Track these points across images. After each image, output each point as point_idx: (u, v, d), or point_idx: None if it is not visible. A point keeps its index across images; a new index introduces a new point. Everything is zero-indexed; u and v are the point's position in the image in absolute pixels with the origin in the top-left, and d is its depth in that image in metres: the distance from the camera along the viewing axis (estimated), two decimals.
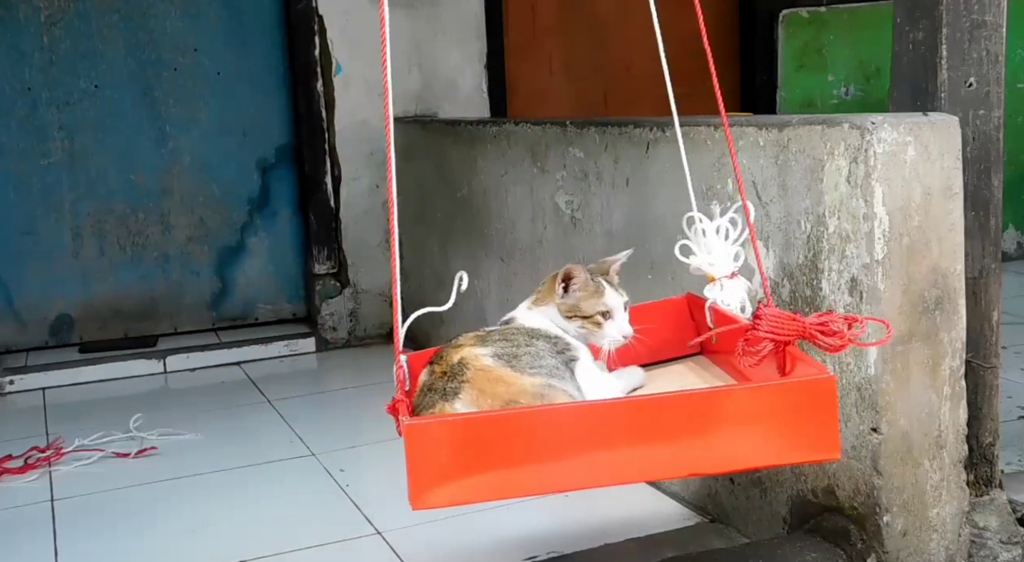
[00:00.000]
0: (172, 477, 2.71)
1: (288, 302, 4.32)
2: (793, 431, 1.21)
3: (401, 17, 4.07)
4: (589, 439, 1.19)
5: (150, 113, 4.04)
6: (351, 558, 2.21)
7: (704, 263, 1.61)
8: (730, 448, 1.21)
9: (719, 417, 1.21)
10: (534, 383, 1.41)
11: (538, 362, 1.46)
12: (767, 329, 1.35)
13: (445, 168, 3.59)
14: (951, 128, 1.86)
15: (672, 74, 1.71)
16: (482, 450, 1.18)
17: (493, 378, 1.41)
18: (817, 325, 1.35)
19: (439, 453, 1.17)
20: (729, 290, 1.59)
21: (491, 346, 1.48)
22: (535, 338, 1.54)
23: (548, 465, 1.19)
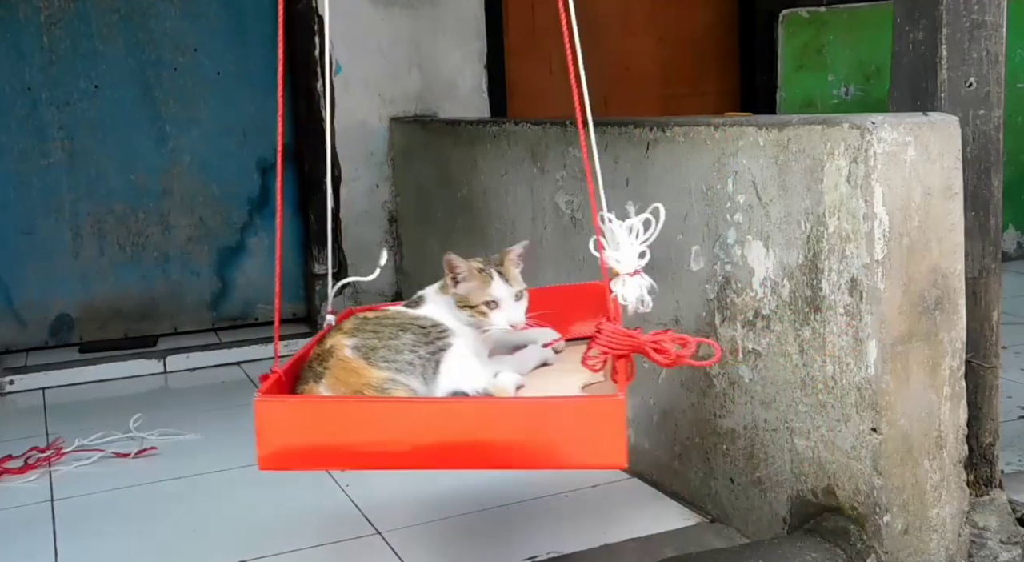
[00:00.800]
0: (172, 477, 2.71)
1: (288, 302, 4.32)
2: (581, 440, 1.37)
3: (401, 17, 4.08)
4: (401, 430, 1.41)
5: (150, 113, 4.05)
6: (351, 558, 2.21)
7: (611, 259, 1.69)
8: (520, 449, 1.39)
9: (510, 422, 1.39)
10: (379, 377, 1.58)
11: (392, 356, 1.61)
12: (603, 343, 1.48)
13: (445, 168, 3.59)
14: (951, 128, 1.86)
15: (672, 74, 1.72)
16: (316, 428, 1.43)
17: (348, 369, 1.59)
18: (651, 342, 1.48)
19: (280, 426, 1.43)
20: (629, 286, 1.67)
21: (358, 336, 1.64)
22: (405, 330, 1.67)
23: (370, 447, 1.42)
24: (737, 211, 2.09)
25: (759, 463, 2.11)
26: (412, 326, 1.69)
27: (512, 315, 1.74)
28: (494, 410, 1.43)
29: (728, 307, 2.14)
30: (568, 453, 1.38)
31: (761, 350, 2.07)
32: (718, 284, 2.17)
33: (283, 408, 1.46)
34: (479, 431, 1.40)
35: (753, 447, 2.12)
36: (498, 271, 1.79)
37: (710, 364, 1.58)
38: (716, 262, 2.17)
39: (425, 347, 1.65)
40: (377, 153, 4.12)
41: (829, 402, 1.92)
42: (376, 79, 4.08)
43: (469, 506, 2.38)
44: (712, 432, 2.24)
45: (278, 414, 1.44)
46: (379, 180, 4.13)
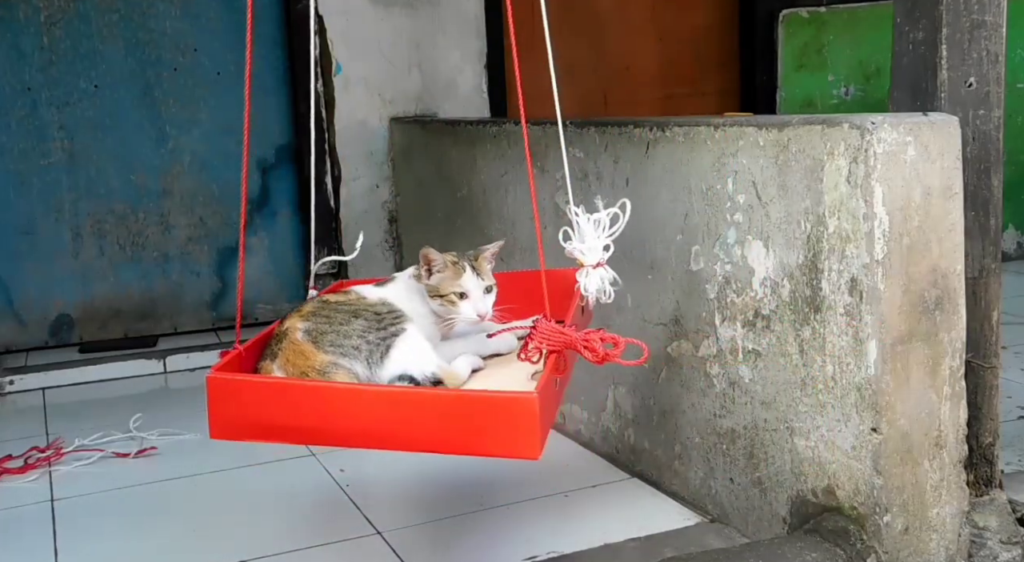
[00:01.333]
0: (172, 477, 2.71)
1: (288, 302, 4.31)
2: (496, 432, 1.47)
3: (401, 17, 4.08)
4: (332, 411, 1.55)
5: (150, 113, 4.04)
6: (351, 558, 2.21)
7: (576, 250, 1.77)
8: (442, 436, 1.51)
9: (429, 413, 1.51)
10: (322, 360, 1.69)
11: (339, 341, 1.71)
12: (538, 338, 1.58)
13: (445, 168, 3.59)
14: (951, 128, 1.86)
15: (672, 74, 1.74)
16: (258, 405, 1.58)
17: (297, 351, 1.71)
18: (583, 340, 1.58)
19: (227, 401, 1.59)
20: (592, 278, 1.76)
21: (311, 320, 1.74)
22: (358, 316, 1.76)
23: (309, 425, 1.57)
24: (737, 211, 2.09)
25: (759, 463, 2.11)
26: (367, 312, 1.78)
27: (480, 306, 1.86)
28: (414, 400, 1.54)
29: (728, 307, 2.14)
30: (485, 443, 1.49)
31: (761, 350, 2.07)
32: (718, 284, 2.17)
33: (230, 385, 1.60)
34: (401, 417, 1.51)
35: (753, 447, 2.12)
36: (471, 265, 1.90)
37: (638, 364, 1.66)
38: (716, 262, 2.17)
39: (376, 332, 1.73)
40: (377, 153, 4.12)
41: (829, 402, 1.92)
42: (376, 79, 4.08)
43: (469, 506, 2.38)
44: (712, 432, 2.24)
45: (225, 390, 1.59)
46: (379, 180, 4.13)
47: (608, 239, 1.78)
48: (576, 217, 1.77)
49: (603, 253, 1.77)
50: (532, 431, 1.45)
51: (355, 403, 1.55)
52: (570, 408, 2.83)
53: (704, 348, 2.23)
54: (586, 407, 2.75)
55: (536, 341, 1.59)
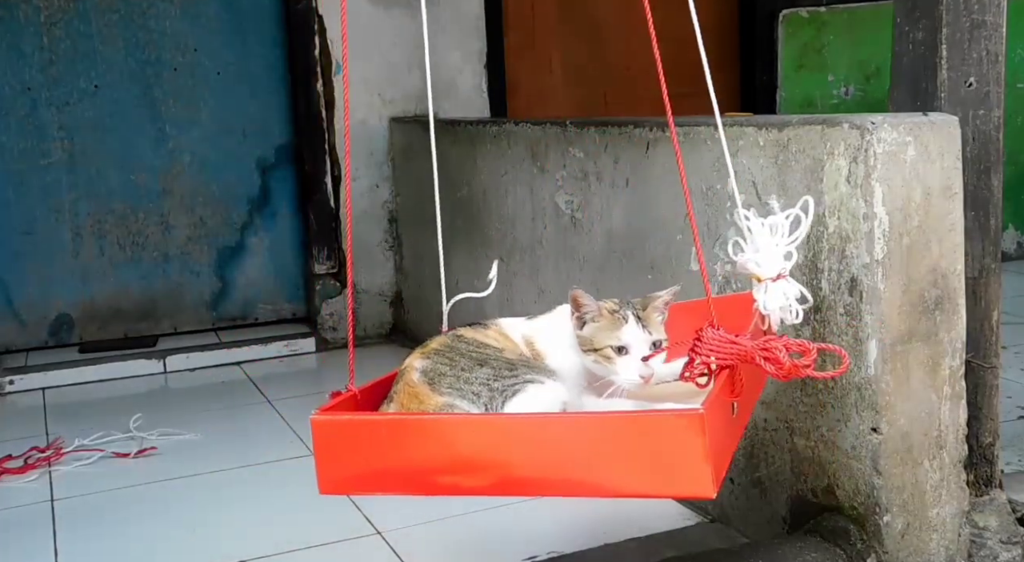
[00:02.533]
0: (172, 477, 2.71)
1: (288, 302, 4.32)
2: (650, 461, 1.19)
3: (401, 17, 4.07)
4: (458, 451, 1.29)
5: (150, 113, 4.04)
6: (351, 558, 2.21)
7: (751, 261, 1.49)
8: (587, 475, 1.23)
9: (571, 443, 1.23)
10: (437, 403, 1.45)
11: (458, 385, 1.47)
12: (705, 351, 1.30)
13: (445, 168, 3.58)
14: (951, 128, 1.86)
15: (672, 74, 1.68)
16: (376, 450, 1.32)
17: (411, 393, 1.48)
18: (761, 349, 1.29)
19: (341, 447, 1.34)
20: (772, 293, 1.48)
21: (431, 359, 1.51)
22: (486, 364, 1.50)
23: (430, 470, 1.30)
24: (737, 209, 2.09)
25: (759, 463, 2.11)
26: (498, 360, 1.51)
27: (643, 366, 1.48)
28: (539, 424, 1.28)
29: None
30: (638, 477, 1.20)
31: None
32: (718, 284, 2.17)
33: (342, 429, 1.36)
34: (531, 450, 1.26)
35: (753, 447, 2.12)
36: (635, 314, 1.53)
37: (836, 375, 1.36)
38: (716, 262, 2.17)
39: (503, 380, 1.47)
40: (377, 153, 4.12)
41: (829, 402, 1.92)
42: (376, 79, 4.08)
43: (469, 506, 2.38)
44: None
45: (337, 434, 1.35)
46: (379, 180, 4.13)
47: (789, 245, 1.49)
48: (748, 221, 1.50)
49: (784, 263, 1.49)
50: (697, 457, 1.15)
51: (474, 435, 1.30)
52: None
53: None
54: None
55: (702, 355, 1.29)
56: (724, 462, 1.24)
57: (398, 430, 1.33)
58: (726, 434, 1.28)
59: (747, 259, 1.50)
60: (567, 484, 1.26)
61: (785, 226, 1.50)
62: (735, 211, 1.53)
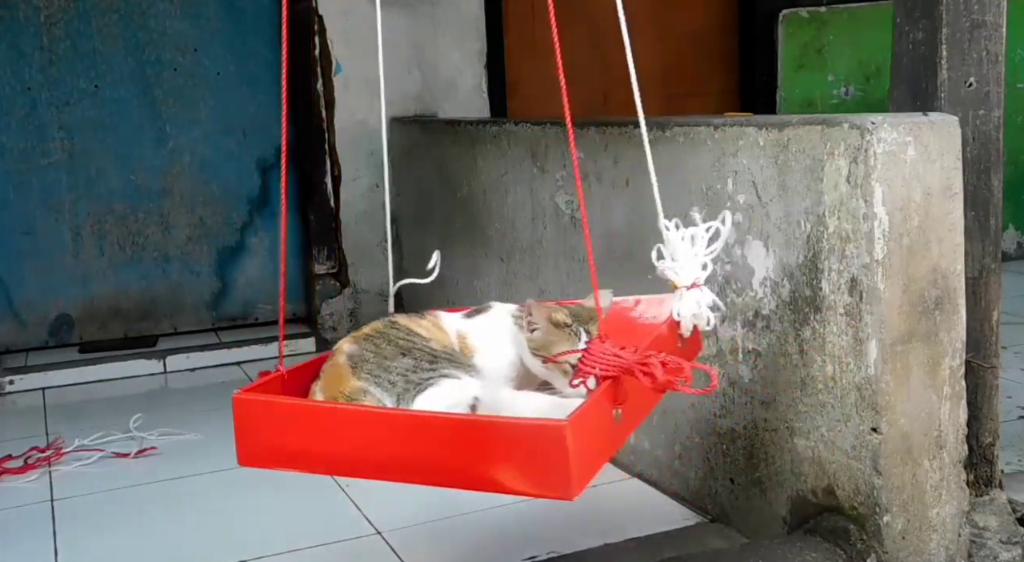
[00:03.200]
0: (172, 477, 2.71)
1: (288, 302, 4.32)
2: (522, 464, 1.29)
3: (401, 17, 4.07)
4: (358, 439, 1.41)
5: (150, 113, 4.05)
6: (351, 558, 2.21)
7: (669, 269, 1.59)
8: (466, 469, 1.35)
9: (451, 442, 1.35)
10: (353, 387, 1.54)
11: (376, 371, 1.55)
12: (589, 363, 1.39)
13: (445, 168, 3.59)
14: (951, 128, 1.86)
15: (672, 74, 1.70)
16: (286, 431, 1.45)
17: (335, 374, 1.57)
18: (640, 364, 1.38)
19: (257, 425, 1.47)
20: (686, 301, 1.57)
21: (360, 344, 1.59)
22: (409, 354, 1.57)
23: (327, 451, 1.43)
24: (737, 211, 2.09)
25: (759, 463, 2.11)
26: (423, 351, 1.59)
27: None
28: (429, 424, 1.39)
29: (728, 307, 2.14)
30: (512, 478, 1.31)
31: (761, 350, 2.07)
32: (718, 284, 2.17)
33: (257, 409, 1.48)
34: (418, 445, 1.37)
35: (753, 447, 2.12)
36: (586, 330, 1.60)
37: (704, 393, 1.43)
38: (716, 262, 2.17)
39: (421, 373, 1.56)
40: (377, 153, 4.11)
41: (829, 402, 1.92)
42: (376, 79, 4.07)
43: (469, 506, 2.38)
44: (712, 432, 2.24)
45: (253, 412, 1.48)
46: (379, 180, 4.12)
47: (707, 257, 1.58)
48: (667, 232, 1.58)
49: (700, 272, 1.58)
50: (562, 466, 1.25)
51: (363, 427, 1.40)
52: None
53: (704, 348, 2.23)
54: None
55: (587, 366, 1.39)
56: (595, 464, 1.34)
57: (304, 415, 1.45)
58: (602, 439, 1.37)
59: (665, 267, 1.58)
60: (447, 477, 1.39)
61: (704, 238, 1.58)
62: (658, 220, 1.61)
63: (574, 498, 1.28)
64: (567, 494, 1.27)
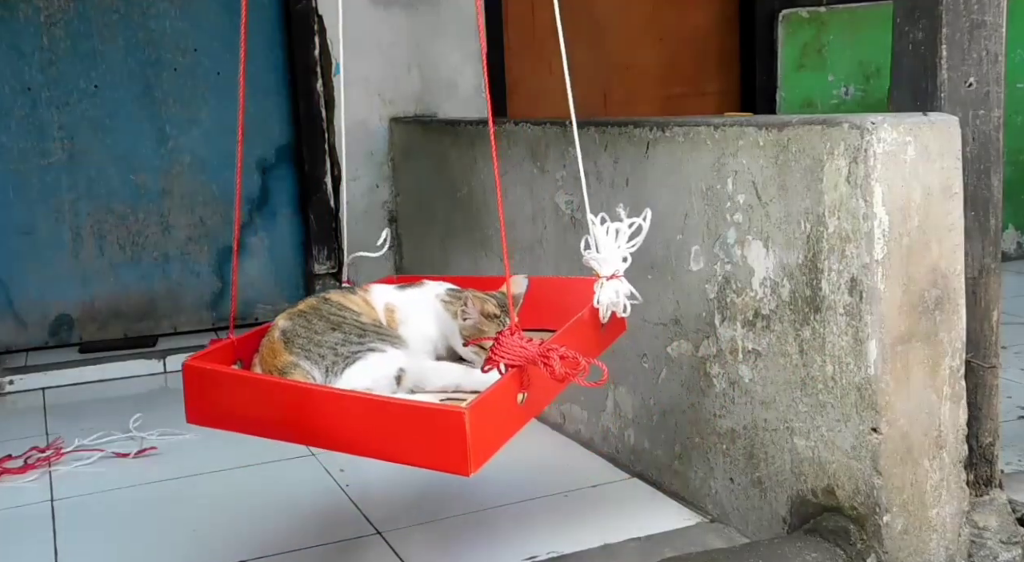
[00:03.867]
0: (172, 477, 2.71)
1: (288, 302, 4.30)
2: (428, 442, 1.48)
3: (401, 17, 4.08)
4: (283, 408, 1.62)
5: (150, 113, 4.05)
6: (351, 558, 2.21)
7: (593, 260, 1.71)
8: (379, 442, 1.53)
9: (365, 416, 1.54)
10: (285, 361, 1.70)
11: (307, 346, 1.70)
12: (499, 352, 1.55)
13: (445, 168, 3.59)
14: (951, 128, 1.86)
15: (672, 74, 1.75)
16: (227, 396, 1.68)
17: (270, 348, 1.73)
18: (542, 356, 1.53)
19: (204, 390, 1.70)
20: (606, 290, 1.70)
21: (293, 320, 1.74)
22: (339, 328, 1.72)
23: (263, 417, 1.64)
24: (737, 211, 2.09)
25: (759, 463, 2.11)
26: (352, 324, 1.74)
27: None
28: (345, 402, 1.56)
29: (728, 307, 2.14)
30: (419, 453, 1.49)
31: (761, 350, 2.07)
32: (718, 284, 2.17)
33: (203, 376, 1.70)
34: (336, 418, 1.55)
35: (753, 447, 2.12)
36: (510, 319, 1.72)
37: (595, 386, 1.60)
38: (716, 262, 2.17)
39: (350, 346, 1.70)
40: (377, 153, 4.12)
41: (829, 402, 1.92)
42: (376, 79, 4.08)
43: (469, 506, 2.38)
44: (712, 432, 2.24)
45: (198, 378, 1.70)
46: (379, 180, 4.13)
47: (627, 250, 1.71)
48: (593, 225, 1.71)
49: (620, 264, 1.71)
50: (461, 446, 1.43)
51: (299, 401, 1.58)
52: (570, 408, 2.83)
53: (704, 348, 2.23)
54: (586, 407, 2.75)
55: (497, 355, 1.55)
56: (496, 443, 1.52)
57: (242, 384, 1.67)
58: (505, 420, 1.55)
59: (591, 257, 1.73)
60: (361, 447, 1.56)
61: (626, 232, 1.72)
62: (586, 214, 1.73)
63: (471, 474, 1.44)
64: (464, 470, 1.44)
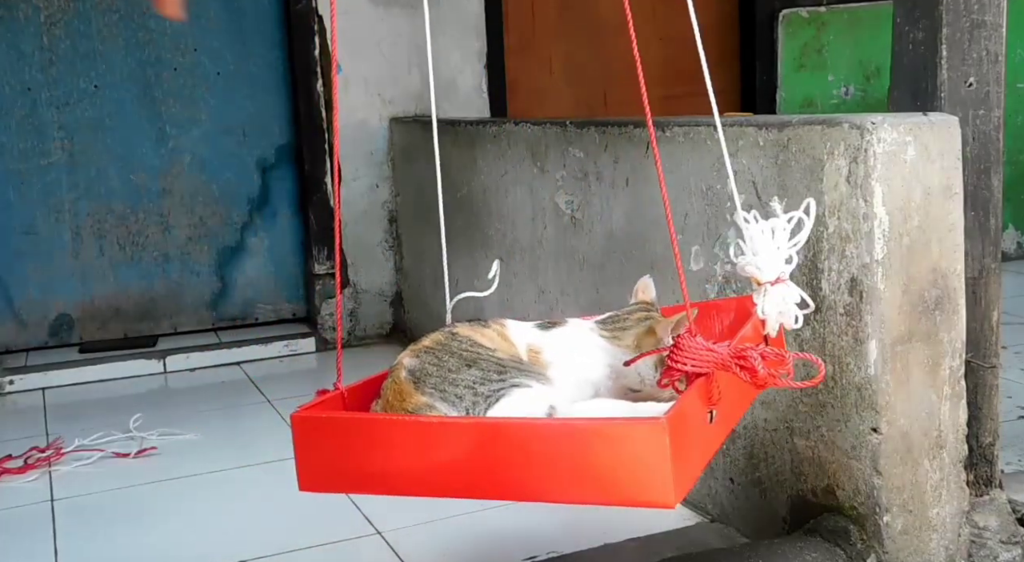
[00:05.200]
0: (172, 477, 2.71)
1: (288, 302, 4.32)
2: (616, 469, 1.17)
3: (401, 17, 4.07)
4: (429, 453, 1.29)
5: (150, 113, 4.05)
6: (351, 558, 2.21)
7: (750, 265, 1.48)
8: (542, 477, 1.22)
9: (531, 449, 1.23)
10: (417, 402, 1.44)
11: (441, 385, 1.45)
12: (681, 359, 1.30)
13: (445, 168, 3.58)
14: (951, 128, 1.86)
15: (672, 74, 1.71)
16: (353, 449, 1.33)
17: (397, 390, 1.47)
18: (736, 358, 1.28)
19: (321, 445, 1.35)
20: (771, 297, 1.47)
21: (420, 358, 1.49)
22: (474, 365, 1.47)
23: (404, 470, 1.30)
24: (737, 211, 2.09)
25: (759, 463, 2.11)
26: (489, 361, 1.48)
27: None
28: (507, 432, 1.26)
29: None
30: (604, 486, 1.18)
31: None
32: (718, 284, 2.17)
33: (322, 426, 1.36)
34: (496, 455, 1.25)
35: (753, 447, 2.12)
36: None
37: (812, 385, 1.35)
38: (716, 262, 2.17)
39: (490, 384, 1.45)
40: (377, 153, 4.11)
41: (829, 402, 1.92)
42: (376, 79, 4.08)
43: (469, 506, 2.38)
44: None
45: (317, 431, 1.36)
46: (379, 180, 4.12)
47: (791, 249, 1.47)
48: (747, 225, 1.48)
49: (784, 266, 1.47)
50: (660, 467, 1.13)
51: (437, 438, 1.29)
52: None
53: None
54: None
55: (678, 363, 1.29)
56: (695, 470, 1.23)
57: (372, 429, 1.33)
58: (699, 441, 1.26)
59: (747, 262, 1.48)
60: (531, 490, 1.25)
61: (786, 229, 1.47)
62: (736, 213, 1.50)
63: (675, 505, 1.16)
64: (667, 500, 1.15)
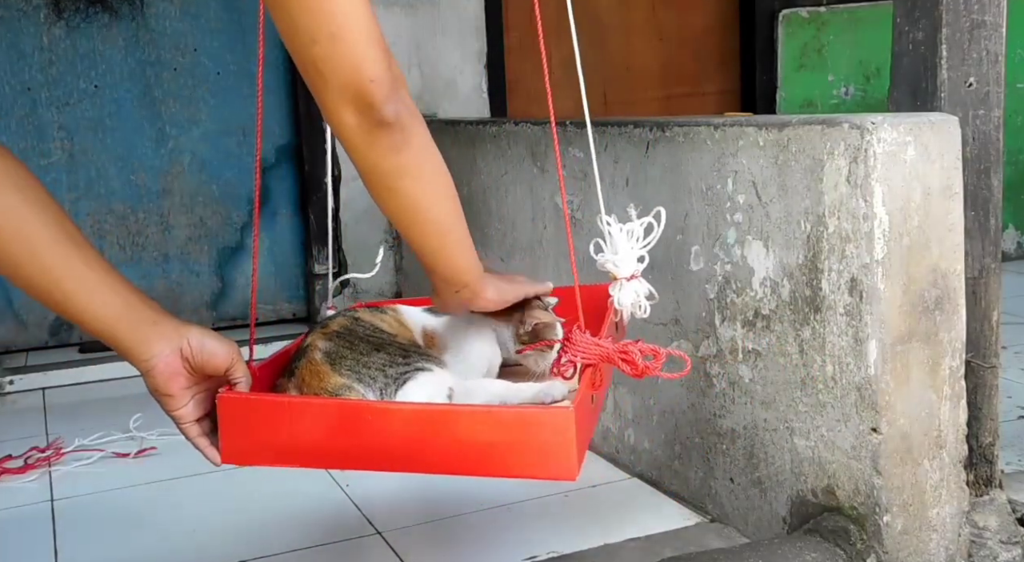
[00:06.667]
0: (172, 477, 2.71)
1: (288, 302, 4.32)
2: (528, 450, 1.35)
3: (401, 17, 4.08)
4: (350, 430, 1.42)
5: (150, 113, 4.05)
6: (351, 558, 2.21)
7: (609, 262, 1.69)
8: (469, 457, 1.38)
9: (455, 430, 1.38)
10: (336, 383, 1.55)
11: (356, 367, 1.57)
12: (573, 352, 1.49)
13: None
14: (951, 128, 1.86)
15: (672, 74, 1.73)
16: (271, 426, 1.44)
17: (313, 371, 1.57)
18: (620, 352, 1.47)
19: (244, 422, 1.45)
20: (626, 291, 1.67)
21: (333, 341, 1.60)
22: (381, 350, 1.60)
23: (325, 446, 1.43)
24: (737, 211, 2.09)
25: (759, 463, 2.11)
26: (393, 346, 1.63)
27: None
28: (437, 417, 1.40)
29: (728, 307, 2.15)
30: (516, 464, 1.36)
31: (761, 350, 2.07)
32: (718, 284, 2.17)
33: (244, 406, 1.46)
34: (423, 436, 1.39)
35: (753, 447, 2.12)
36: None
37: (679, 376, 1.55)
38: (716, 262, 2.17)
39: (397, 367, 1.60)
40: None
41: (829, 402, 1.92)
42: None
43: (469, 506, 2.38)
44: (712, 432, 2.24)
45: (239, 410, 1.46)
46: None
47: (642, 250, 1.69)
48: (608, 227, 1.69)
49: (637, 265, 1.68)
50: (568, 449, 1.33)
51: (370, 420, 1.41)
52: None
53: (704, 348, 2.23)
54: None
55: (570, 354, 1.49)
56: (585, 446, 1.43)
57: (298, 410, 1.44)
58: (588, 423, 1.46)
59: (606, 259, 1.69)
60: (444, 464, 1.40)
61: (640, 232, 1.68)
62: (599, 216, 1.69)
63: (577, 478, 1.35)
64: (571, 475, 1.34)
